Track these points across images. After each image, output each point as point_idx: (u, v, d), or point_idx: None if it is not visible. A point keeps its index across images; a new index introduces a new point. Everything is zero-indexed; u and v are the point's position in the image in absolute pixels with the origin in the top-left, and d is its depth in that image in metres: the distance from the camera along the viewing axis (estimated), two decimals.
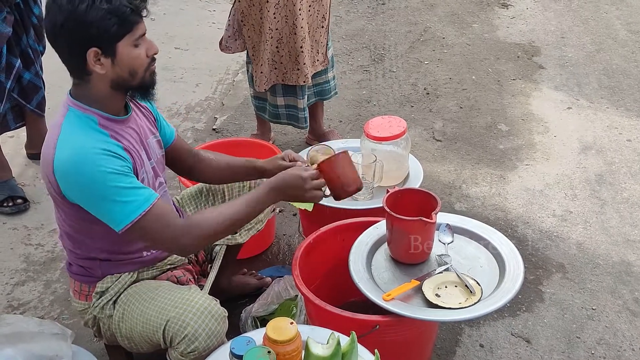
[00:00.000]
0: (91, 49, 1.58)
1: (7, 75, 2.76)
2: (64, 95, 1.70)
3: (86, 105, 1.66)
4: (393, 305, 1.77)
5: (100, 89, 1.65)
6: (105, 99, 1.67)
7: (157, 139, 1.89)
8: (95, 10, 1.55)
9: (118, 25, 1.58)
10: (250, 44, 2.94)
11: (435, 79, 3.95)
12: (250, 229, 2.19)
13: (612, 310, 2.35)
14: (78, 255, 1.83)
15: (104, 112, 1.68)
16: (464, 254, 2.00)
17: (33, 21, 2.81)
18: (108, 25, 1.57)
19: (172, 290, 1.78)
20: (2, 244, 2.72)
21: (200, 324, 1.66)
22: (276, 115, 3.10)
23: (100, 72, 1.62)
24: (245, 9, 2.86)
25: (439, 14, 4.77)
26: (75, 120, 1.64)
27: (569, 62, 4.11)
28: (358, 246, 2.03)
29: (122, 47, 1.61)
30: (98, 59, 1.60)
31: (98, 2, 1.56)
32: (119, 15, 1.57)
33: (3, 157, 2.97)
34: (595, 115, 3.57)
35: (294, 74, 2.92)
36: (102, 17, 1.56)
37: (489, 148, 3.31)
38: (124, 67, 1.63)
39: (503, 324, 2.30)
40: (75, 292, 1.89)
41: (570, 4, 4.87)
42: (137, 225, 1.63)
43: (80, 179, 1.59)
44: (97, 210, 1.64)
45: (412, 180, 2.41)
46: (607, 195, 2.95)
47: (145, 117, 1.87)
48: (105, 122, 1.68)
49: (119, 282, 1.83)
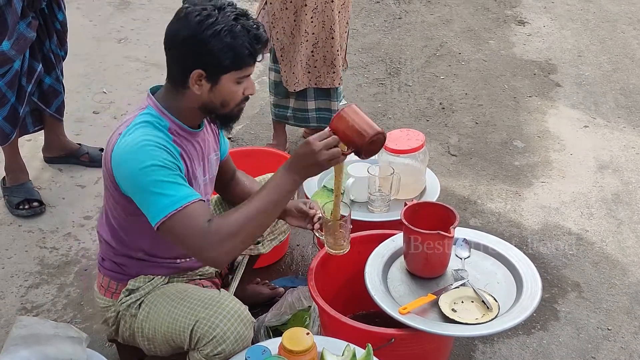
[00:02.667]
0: (198, 70, 1.64)
1: (29, 79, 2.78)
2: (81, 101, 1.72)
3: (168, 112, 1.71)
4: (409, 319, 1.76)
5: (189, 105, 1.71)
6: (187, 112, 1.73)
7: (217, 157, 1.93)
8: (219, 40, 1.61)
9: (231, 60, 1.64)
10: (278, 45, 2.96)
11: (451, 94, 3.95)
12: (274, 239, 2.21)
13: (628, 331, 2.33)
14: (115, 251, 1.84)
15: (179, 121, 1.72)
16: (480, 269, 1.99)
17: (56, 27, 2.84)
18: (223, 58, 1.63)
19: (201, 292, 1.79)
20: (17, 246, 2.73)
21: (229, 327, 1.67)
22: (304, 119, 3.12)
23: (197, 92, 1.68)
24: (277, 12, 2.88)
25: (455, 30, 4.78)
26: (149, 118, 1.70)
27: (585, 81, 4.10)
28: (374, 258, 2.02)
29: (226, 79, 1.66)
30: (200, 80, 1.66)
31: (223, 34, 1.61)
32: (236, 52, 1.63)
33: (20, 160, 2.99)
34: (612, 134, 3.55)
35: (329, 77, 2.96)
36: (221, 49, 1.62)
37: (505, 164, 3.30)
38: (219, 97, 1.69)
39: (517, 341, 2.28)
40: (101, 288, 1.90)
41: (588, 23, 4.86)
42: (168, 223, 1.61)
43: (130, 167, 1.62)
44: (139, 200, 1.65)
45: (429, 194, 2.41)
46: (624, 215, 2.93)
47: (213, 133, 1.91)
48: (175, 128, 1.72)
49: (151, 283, 1.85)
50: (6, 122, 2.77)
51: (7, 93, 2.72)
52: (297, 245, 2.75)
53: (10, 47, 2.61)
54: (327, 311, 1.86)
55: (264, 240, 2.18)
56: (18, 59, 2.68)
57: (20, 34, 2.63)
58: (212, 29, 1.61)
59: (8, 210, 2.91)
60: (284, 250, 2.70)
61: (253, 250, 2.15)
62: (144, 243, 1.80)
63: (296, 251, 2.73)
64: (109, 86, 3.88)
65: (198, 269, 1.94)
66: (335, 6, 2.82)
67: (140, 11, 4.90)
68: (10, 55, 2.63)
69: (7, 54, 2.61)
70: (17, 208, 2.89)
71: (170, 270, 1.88)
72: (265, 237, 2.18)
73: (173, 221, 1.61)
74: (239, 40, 1.63)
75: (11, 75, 2.70)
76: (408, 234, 1.92)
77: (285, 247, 2.69)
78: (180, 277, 1.91)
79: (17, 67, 2.70)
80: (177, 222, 1.61)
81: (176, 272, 1.89)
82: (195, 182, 1.80)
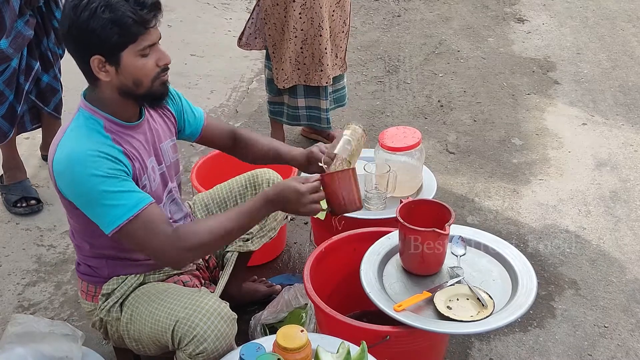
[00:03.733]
0: (95, 56, 1.59)
1: (26, 77, 2.78)
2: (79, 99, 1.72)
3: (97, 109, 1.67)
4: (404, 316, 1.76)
5: (109, 95, 1.67)
6: (115, 105, 1.68)
7: (173, 143, 1.89)
8: (97, 19, 1.55)
9: (119, 35, 1.57)
10: (271, 42, 2.96)
11: (450, 92, 3.95)
12: (263, 236, 2.19)
13: (625, 329, 2.32)
14: (86, 254, 1.84)
15: (113, 117, 1.69)
16: (476, 266, 1.99)
17: (54, 24, 2.84)
18: (109, 35, 1.56)
19: (181, 292, 1.78)
20: (15, 244, 2.74)
21: (209, 325, 1.66)
22: (295, 117, 3.13)
23: (105, 79, 1.63)
24: (268, 8, 2.89)
25: (454, 27, 4.78)
26: (82, 121, 1.66)
27: (584, 78, 4.09)
28: (370, 256, 2.02)
29: (127, 56, 1.60)
30: (103, 66, 1.61)
31: (100, 12, 1.55)
32: (121, 25, 1.56)
33: (18, 158, 2.99)
34: (610, 131, 3.55)
35: (317, 74, 2.95)
36: (103, 27, 1.56)
37: (503, 162, 3.30)
38: (128, 76, 1.63)
39: (514, 339, 2.28)
40: (82, 293, 1.90)
41: (587, 21, 4.85)
42: (124, 231, 1.61)
43: (71, 180, 1.61)
44: (87, 211, 1.65)
45: (426, 192, 2.41)
46: (622, 212, 2.92)
47: (164, 120, 1.88)
48: (111, 126, 1.68)
49: (125, 284, 1.83)
50: (4, 120, 2.77)
51: (4, 91, 2.72)
52: (294, 243, 2.75)
53: (8, 45, 2.61)
54: (322, 309, 1.86)
55: (253, 238, 2.16)
56: (16, 57, 2.68)
57: (17, 32, 2.63)
58: (88, 9, 1.55)
59: (5, 208, 2.92)
60: (281, 247, 2.70)
61: (242, 247, 2.13)
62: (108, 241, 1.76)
63: (293, 249, 2.73)
64: None
65: None
66: (324, 3, 2.82)
67: None
68: (8, 53, 2.63)
69: (4, 52, 2.61)
70: (15, 206, 2.89)
71: (143, 268, 1.86)
72: (255, 235, 2.16)
73: (129, 228, 1.61)
74: (118, 12, 1.55)
75: (9, 73, 2.70)
76: (403, 231, 1.92)
77: (282, 244, 2.69)
78: (157, 274, 1.89)
79: (14, 65, 2.70)
80: (134, 229, 1.62)
81: (151, 270, 1.87)
82: (146, 174, 1.76)
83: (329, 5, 2.86)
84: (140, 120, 1.76)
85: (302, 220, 2.87)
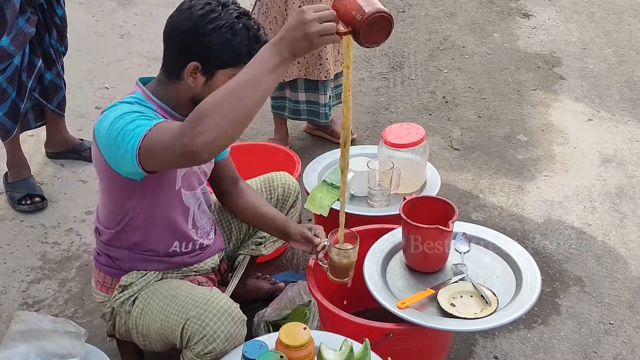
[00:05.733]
0: (195, 62, 1.64)
1: (29, 74, 2.79)
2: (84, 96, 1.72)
3: (156, 97, 1.71)
4: (407, 314, 1.75)
5: (180, 95, 1.71)
6: (178, 102, 1.72)
7: None
8: (219, 35, 1.62)
9: (229, 56, 1.64)
10: (272, 36, 2.96)
11: (454, 88, 3.93)
12: (276, 240, 2.19)
13: (630, 326, 2.31)
14: (110, 243, 1.84)
15: (165, 106, 1.72)
16: (480, 263, 1.98)
17: (56, 22, 2.84)
18: (221, 53, 1.64)
19: (193, 289, 1.78)
20: (19, 241, 2.74)
21: (219, 326, 1.66)
22: (296, 111, 3.14)
23: (191, 84, 1.68)
24: (269, 2, 2.89)
25: (459, 23, 4.75)
26: (133, 99, 1.69)
27: (590, 74, 4.07)
28: (373, 253, 2.01)
29: (221, 74, 1.67)
30: (195, 73, 1.66)
31: (224, 30, 1.62)
32: (235, 50, 1.64)
33: (22, 156, 3.00)
34: (616, 127, 3.52)
35: (316, 68, 2.96)
36: (221, 44, 1.63)
37: (507, 158, 3.28)
38: (212, 91, 1.60)
39: (518, 336, 2.27)
40: (97, 283, 1.91)
41: (593, 16, 4.82)
42: (144, 144, 1.51)
43: (106, 123, 1.60)
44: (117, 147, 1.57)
45: (430, 189, 2.40)
46: (627, 208, 2.91)
47: None
48: (161, 112, 1.71)
49: (144, 279, 1.84)
50: (7, 117, 2.78)
51: (7, 89, 2.72)
52: None
53: (10, 43, 2.62)
54: (326, 306, 1.86)
55: (266, 242, 2.17)
56: (17, 54, 2.68)
57: (19, 29, 2.63)
58: (214, 23, 1.62)
59: (10, 206, 2.92)
60: (285, 245, 2.68)
61: (254, 251, 2.14)
62: (139, 225, 1.79)
63: None
64: (111, 82, 3.88)
65: (193, 264, 1.93)
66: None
67: (142, 6, 4.90)
68: (9, 50, 2.63)
69: (6, 49, 2.62)
70: (19, 203, 2.90)
71: (164, 265, 1.87)
72: (268, 239, 2.18)
73: (147, 139, 1.51)
74: (238, 38, 1.64)
75: (11, 70, 2.70)
76: (406, 228, 1.91)
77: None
78: (175, 273, 1.90)
79: (17, 62, 2.71)
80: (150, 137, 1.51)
81: (170, 268, 1.89)
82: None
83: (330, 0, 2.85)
84: None
85: (306, 217, 2.86)
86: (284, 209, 2.21)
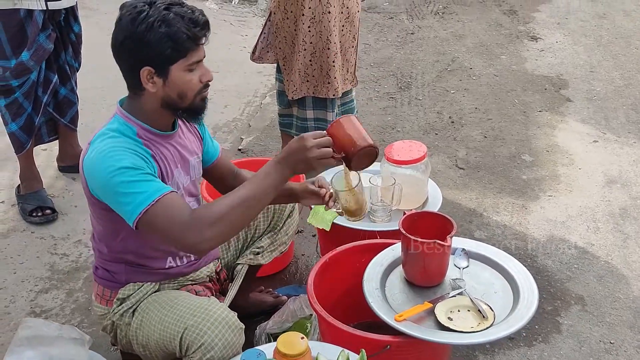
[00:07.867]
0: (145, 67, 1.67)
1: (45, 90, 2.87)
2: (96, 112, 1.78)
3: (134, 117, 1.75)
4: (404, 326, 1.78)
5: (151, 105, 1.74)
6: (153, 114, 1.76)
7: (199, 160, 1.96)
8: (154, 33, 1.63)
9: (172, 49, 1.65)
10: (281, 55, 3.03)
11: (461, 108, 3.97)
12: (274, 250, 2.23)
13: (631, 345, 2.31)
14: (105, 258, 1.88)
15: (148, 126, 1.76)
16: (478, 279, 2.00)
17: (72, 38, 2.93)
18: (163, 49, 1.65)
19: (191, 299, 1.81)
20: (29, 252, 2.80)
21: (217, 334, 1.68)
22: (304, 128, 3.18)
23: (152, 90, 1.70)
24: (279, 21, 2.96)
25: (467, 45, 4.81)
26: (116, 126, 1.74)
27: (597, 96, 4.10)
28: (373, 267, 2.04)
29: (175, 70, 1.68)
30: (151, 77, 1.69)
31: (157, 26, 1.63)
32: (175, 40, 1.65)
33: (35, 169, 3.06)
34: (621, 149, 3.54)
35: (325, 87, 3.01)
36: (159, 40, 1.64)
37: (512, 178, 3.31)
38: (174, 89, 1.71)
39: (518, 353, 2.28)
40: (97, 296, 1.94)
41: (601, 39, 4.86)
42: (145, 219, 1.62)
43: (100, 174, 1.66)
44: (114, 204, 1.68)
45: (431, 205, 2.43)
46: (631, 229, 2.91)
47: (194, 137, 1.95)
48: (144, 133, 1.76)
49: (140, 290, 1.87)
50: (22, 131, 2.85)
51: (23, 103, 2.80)
52: (302, 255, 2.78)
53: (29, 58, 2.71)
54: (324, 317, 1.88)
55: (264, 252, 2.20)
56: (35, 69, 2.77)
57: (39, 45, 2.72)
58: (145, 23, 1.63)
59: (22, 217, 2.98)
60: (289, 259, 2.73)
61: (253, 261, 2.17)
62: (130, 244, 1.82)
63: (301, 260, 2.75)
64: None
65: (189, 274, 1.96)
66: (333, 17, 2.88)
67: None
68: (28, 65, 2.72)
69: (25, 64, 2.71)
70: (31, 215, 2.96)
71: (160, 276, 1.90)
72: (265, 248, 2.21)
73: (150, 215, 1.62)
74: (174, 28, 1.63)
75: (28, 85, 2.79)
76: (406, 242, 1.94)
77: (289, 256, 2.72)
78: (171, 283, 1.93)
79: (34, 78, 2.79)
80: (154, 215, 1.62)
81: (166, 279, 1.92)
82: (172, 182, 1.82)
83: (338, 20, 2.92)
84: (173, 131, 1.84)
85: (310, 232, 2.90)
86: (280, 219, 2.24)
